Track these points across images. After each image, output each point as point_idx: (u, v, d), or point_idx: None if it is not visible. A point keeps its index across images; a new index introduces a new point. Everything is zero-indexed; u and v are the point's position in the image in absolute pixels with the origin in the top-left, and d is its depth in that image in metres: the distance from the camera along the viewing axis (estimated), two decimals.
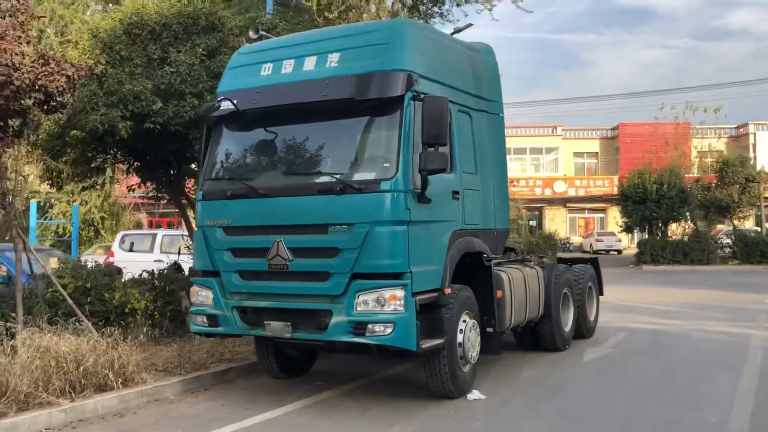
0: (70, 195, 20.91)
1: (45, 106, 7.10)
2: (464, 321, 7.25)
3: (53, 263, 9.19)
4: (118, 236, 17.96)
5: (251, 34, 7.72)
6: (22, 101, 6.77)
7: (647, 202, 31.16)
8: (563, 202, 46.14)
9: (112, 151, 9.00)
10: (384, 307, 6.28)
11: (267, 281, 6.87)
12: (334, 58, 6.87)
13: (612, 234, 40.88)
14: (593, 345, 10.42)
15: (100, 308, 8.75)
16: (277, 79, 7.11)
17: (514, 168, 46.84)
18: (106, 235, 23.15)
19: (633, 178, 32.22)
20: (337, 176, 6.55)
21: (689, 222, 33.17)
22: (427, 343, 6.59)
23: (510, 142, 45.56)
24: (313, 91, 6.79)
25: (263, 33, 7.70)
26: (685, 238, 32.25)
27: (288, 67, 7.11)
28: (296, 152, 7.15)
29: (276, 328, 6.74)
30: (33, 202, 14.22)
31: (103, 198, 23.21)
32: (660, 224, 32.33)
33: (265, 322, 6.81)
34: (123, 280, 9.87)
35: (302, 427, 6.34)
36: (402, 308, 6.28)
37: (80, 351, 6.85)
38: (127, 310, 8.83)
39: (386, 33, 6.87)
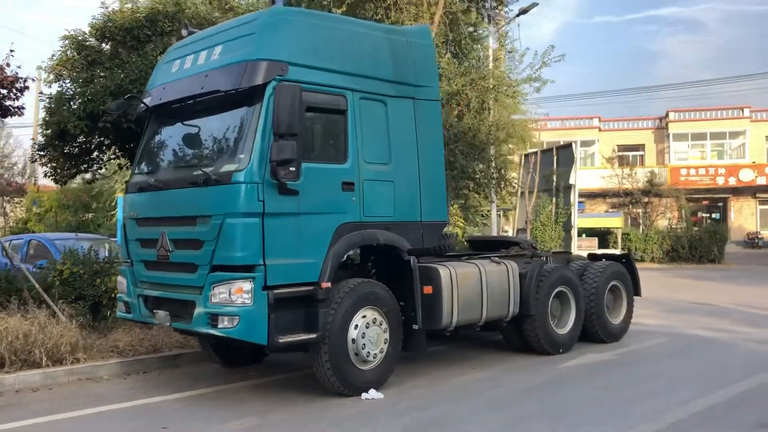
0: None
1: None
2: (363, 316, 6.98)
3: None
4: None
5: (183, 32, 7.98)
6: None
7: None
8: (752, 191, 41.23)
9: (95, 148, 9.78)
10: (233, 300, 6.26)
11: (158, 271, 7.13)
12: (217, 51, 6.94)
13: None
14: (598, 350, 9.42)
15: (91, 293, 9.55)
16: (178, 74, 7.33)
17: (693, 156, 42.81)
18: None
19: None
20: (206, 169, 6.63)
21: None
22: (288, 338, 6.45)
23: (686, 127, 42.07)
24: (196, 85, 6.92)
25: (192, 30, 7.92)
26: None
27: (188, 62, 7.29)
28: (183, 145, 7.35)
29: (161, 316, 6.99)
30: (119, 197, 15.70)
31: None
32: None
33: (154, 311, 7.08)
34: None
35: (163, 413, 6.50)
36: (249, 301, 6.21)
37: (9, 330, 7.58)
38: (113, 296, 9.55)
39: (257, 22, 6.79)
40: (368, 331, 6.99)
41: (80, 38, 9.13)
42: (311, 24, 7.00)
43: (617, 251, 28.53)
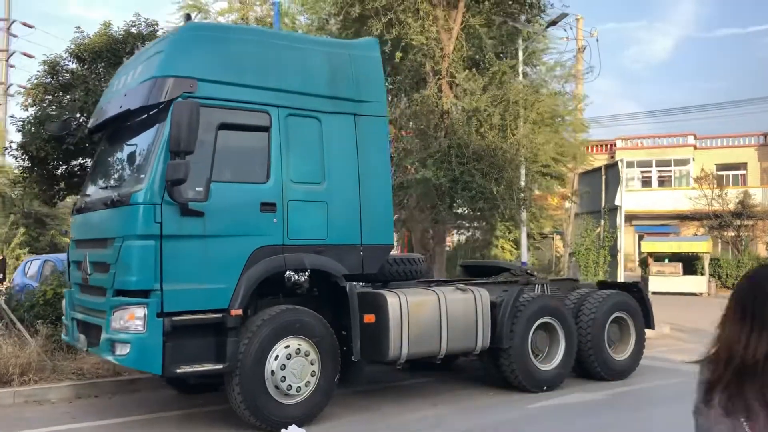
0: None
1: None
2: (287, 347, 6.54)
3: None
4: None
5: (136, 51, 7.92)
6: None
7: None
8: None
9: (80, 170, 9.88)
10: (127, 327, 6.00)
11: (83, 294, 7.01)
12: (138, 71, 6.80)
13: None
14: (590, 390, 8.53)
15: None
16: (113, 95, 7.24)
17: None
18: None
19: None
20: (116, 191, 6.46)
21: None
22: (188, 368, 6.12)
23: None
24: (117, 105, 6.81)
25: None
26: None
27: (121, 82, 7.20)
28: (107, 167, 7.23)
29: (81, 340, 6.84)
30: None
31: None
32: None
33: (78, 334, 6.94)
34: None
35: None
36: (142, 328, 5.93)
37: None
38: None
39: (167, 40, 6.60)
40: (290, 363, 6.53)
41: (55, 62, 9.32)
42: (226, 39, 6.70)
43: (702, 277, 26.48)
